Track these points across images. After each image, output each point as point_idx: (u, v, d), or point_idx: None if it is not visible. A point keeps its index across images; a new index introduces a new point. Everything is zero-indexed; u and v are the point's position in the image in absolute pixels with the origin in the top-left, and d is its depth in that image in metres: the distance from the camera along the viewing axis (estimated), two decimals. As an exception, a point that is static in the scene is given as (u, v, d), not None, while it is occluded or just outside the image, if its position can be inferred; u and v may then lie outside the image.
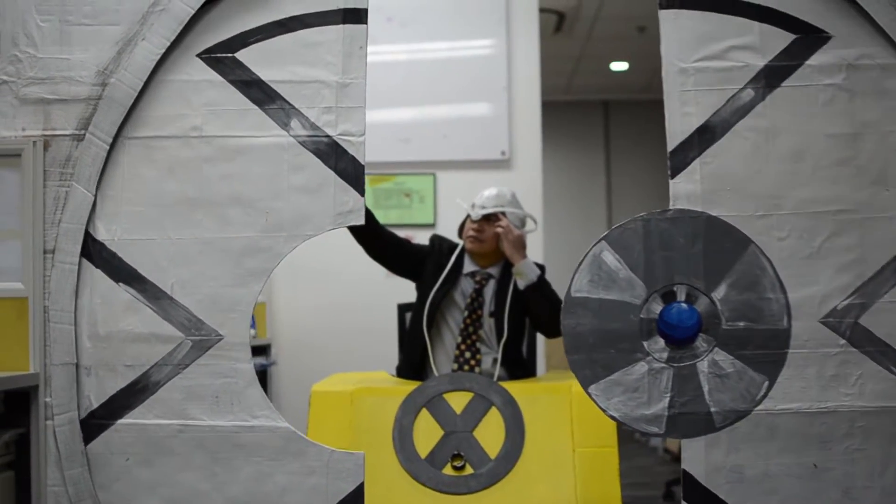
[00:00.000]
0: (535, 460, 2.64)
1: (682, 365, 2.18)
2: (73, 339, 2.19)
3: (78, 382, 2.20)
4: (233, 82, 2.26)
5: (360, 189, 2.23)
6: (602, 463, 2.64)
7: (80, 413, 2.19)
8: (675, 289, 2.19)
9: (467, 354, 3.25)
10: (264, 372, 4.51)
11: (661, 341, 2.19)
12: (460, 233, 3.45)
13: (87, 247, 2.21)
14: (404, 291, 3.61)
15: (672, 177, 2.20)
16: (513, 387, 2.80)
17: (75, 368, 2.19)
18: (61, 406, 2.17)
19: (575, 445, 2.67)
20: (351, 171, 2.23)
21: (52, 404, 2.17)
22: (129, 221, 2.23)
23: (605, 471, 2.63)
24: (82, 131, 2.22)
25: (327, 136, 2.24)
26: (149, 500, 2.19)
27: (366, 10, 2.26)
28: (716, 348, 2.18)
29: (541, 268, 3.28)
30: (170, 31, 2.23)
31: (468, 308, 3.30)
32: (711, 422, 2.16)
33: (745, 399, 2.16)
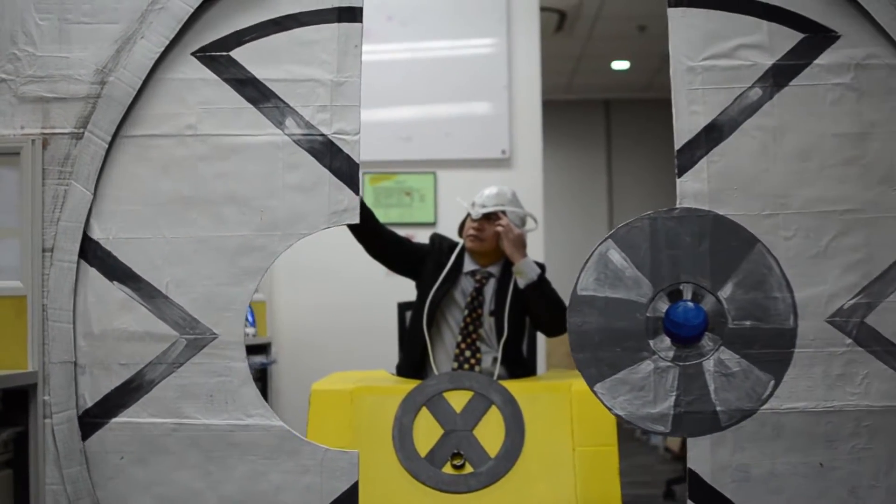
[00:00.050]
0: (535, 459, 2.64)
1: (688, 364, 2.18)
2: (71, 337, 2.19)
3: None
4: (227, 81, 2.25)
5: (355, 188, 2.23)
6: (602, 462, 2.64)
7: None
8: (681, 287, 2.19)
9: (467, 353, 3.25)
10: (264, 370, 4.50)
11: (667, 340, 2.19)
12: (460, 231, 3.45)
13: (82, 246, 2.21)
14: (404, 290, 3.61)
15: (679, 175, 2.20)
16: (513, 385, 2.80)
17: (73, 367, 2.19)
18: (60, 404, 2.17)
19: (575, 444, 2.66)
20: (346, 170, 2.23)
21: (50, 402, 2.17)
22: (124, 220, 2.23)
23: (606, 469, 2.63)
24: (81, 130, 2.22)
25: (322, 135, 2.24)
26: (143, 499, 2.19)
27: (361, 9, 2.26)
28: (722, 347, 2.17)
29: (541, 267, 3.28)
30: (169, 29, 2.23)
31: (468, 307, 3.30)
32: (717, 421, 2.16)
33: (751, 398, 2.16)
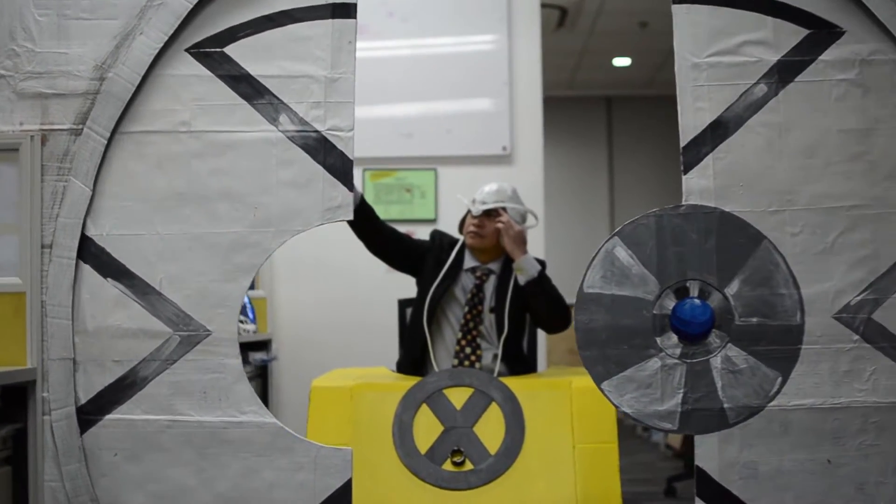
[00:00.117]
0: (535, 456, 2.63)
1: (695, 361, 2.18)
2: (70, 334, 2.18)
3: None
4: (221, 77, 2.25)
5: (349, 184, 2.22)
6: (602, 459, 2.63)
7: None
8: (688, 284, 2.19)
9: (468, 350, 3.25)
10: (265, 367, 4.51)
11: (675, 337, 2.19)
12: (461, 228, 3.44)
13: None
14: (405, 287, 3.61)
15: (685, 172, 2.19)
16: (513, 382, 2.79)
17: (72, 363, 2.18)
18: (58, 401, 2.17)
19: (575, 441, 2.66)
20: (339, 167, 2.22)
21: (49, 399, 2.17)
22: (118, 217, 2.22)
23: (606, 467, 2.62)
24: (80, 126, 2.22)
25: (316, 132, 2.23)
26: (137, 496, 2.19)
27: (355, 5, 2.25)
28: (729, 344, 2.17)
29: (541, 263, 3.27)
30: (167, 25, 2.22)
31: (468, 304, 3.29)
32: (725, 418, 2.16)
33: (758, 395, 2.16)
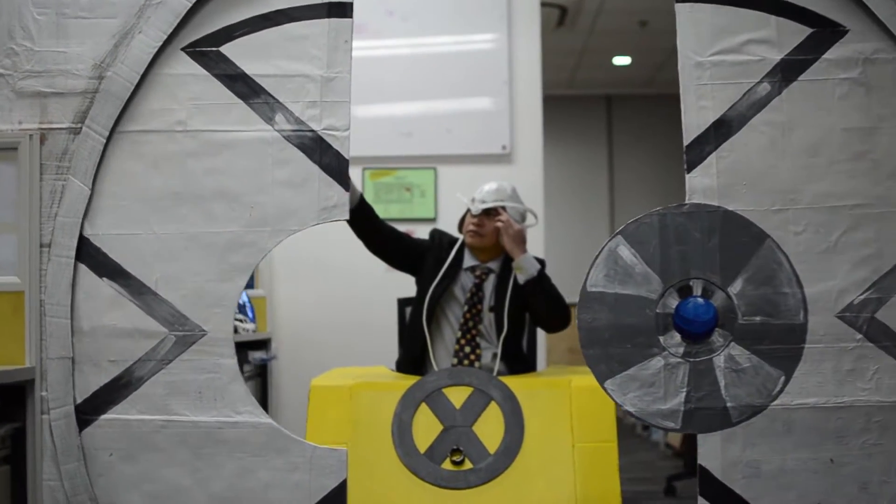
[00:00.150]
0: (535, 455, 2.63)
1: (698, 360, 2.18)
2: (69, 333, 2.18)
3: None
4: (218, 76, 2.25)
5: (345, 184, 2.22)
6: (602, 458, 2.63)
7: None
8: (691, 283, 2.19)
9: (467, 349, 3.24)
10: (264, 366, 4.51)
11: (678, 336, 2.19)
12: (460, 227, 3.44)
13: None
14: (404, 286, 3.61)
15: (688, 171, 2.19)
16: (512, 381, 2.79)
17: (71, 362, 2.18)
18: (57, 400, 2.17)
19: (574, 440, 2.66)
20: (335, 166, 2.22)
21: (47, 398, 2.17)
22: (114, 216, 2.22)
23: (605, 466, 2.62)
24: (79, 125, 2.22)
25: (312, 131, 2.23)
26: (132, 496, 2.19)
27: (351, 4, 2.25)
28: (732, 343, 2.17)
29: (541, 262, 3.27)
30: (166, 24, 2.22)
31: (468, 303, 3.29)
32: (728, 417, 2.16)
33: (761, 394, 2.16)
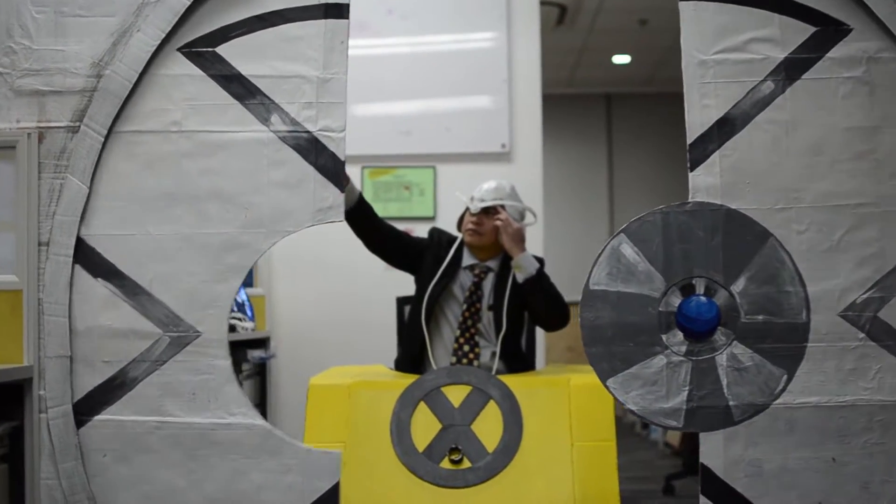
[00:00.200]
0: (533, 454, 2.63)
1: (700, 358, 2.18)
2: (66, 331, 2.18)
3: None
4: (213, 77, 2.24)
5: (340, 185, 2.22)
6: (600, 457, 2.63)
7: None
8: (693, 282, 2.19)
9: (466, 348, 3.24)
10: (263, 365, 4.50)
11: (680, 334, 2.19)
12: (459, 226, 3.44)
13: None
14: (403, 284, 3.60)
15: (691, 169, 2.19)
16: (511, 380, 2.79)
17: (69, 361, 2.18)
18: (55, 399, 2.16)
19: (573, 439, 2.66)
20: (331, 167, 2.22)
21: (45, 397, 2.17)
22: (109, 217, 2.22)
23: (604, 465, 2.62)
24: (77, 123, 2.21)
25: (307, 132, 2.23)
26: (126, 497, 2.19)
27: (347, 5, 2.25)
28: (734, 342, 2.17)
29: (540, 261, 3.27)
30: (165, 22, 2.21)
31: (467, 301, 3.29)
32: (730, 415, 2.16)
33: (763, 393, 2.16)
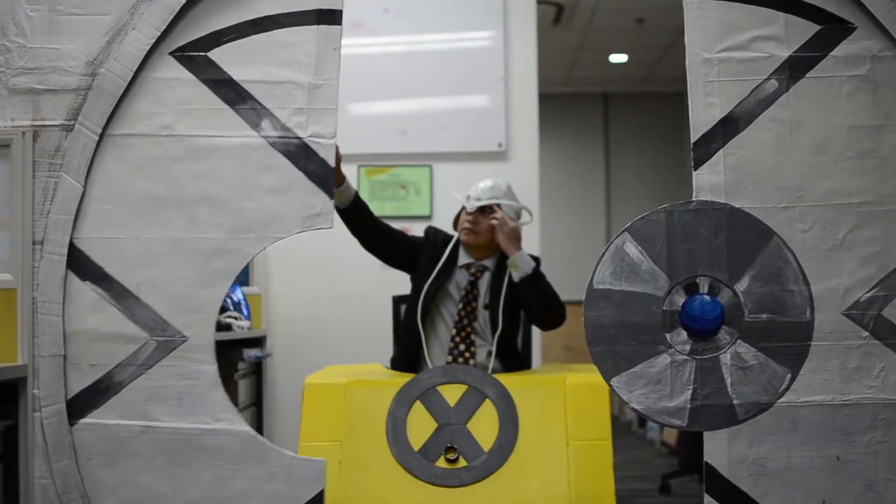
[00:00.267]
0: (529, 453, 2.63)
1: (704, 357, 2.18)
2: (60, 330, 2.18)
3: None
4: (205, 81, 2.24)
5: (329, 192, 2.21)
6: (596, 456, 2.63)
7: None
8: (697, 281, 2.19)
9: (462, 347, 3.24)
10: (259, 364, 4.50)
11: (684, 333, 2.19)
12: (455, 225, 3.44)
13: None
14: (399, 283, 3.60)
15: (695, 168, 2.20)
16: (507, 379, 2.79)
17: (63, 360, 2.18)
18: (49, 398, 2.16)
19: (569, 438, 2.66)
20: (320, 174, 2.21)
21: (39, 396, 2.16)
22: (98, 220, 2.21)
23: (599, 464, 2.62)
24: (72, 122, 2.21)
25: (297, 138, 2.22)
26: (110, 501, 2.18)
27: (340, 11, 2.25)
28: (738, 340, 2.17)
29: (536, 260, 3.26)
30: (160, 20, 2.21)
31: (463, 300, 3.29)
32: (734, 414, 2.16)
33: (767, 391, 2.16)
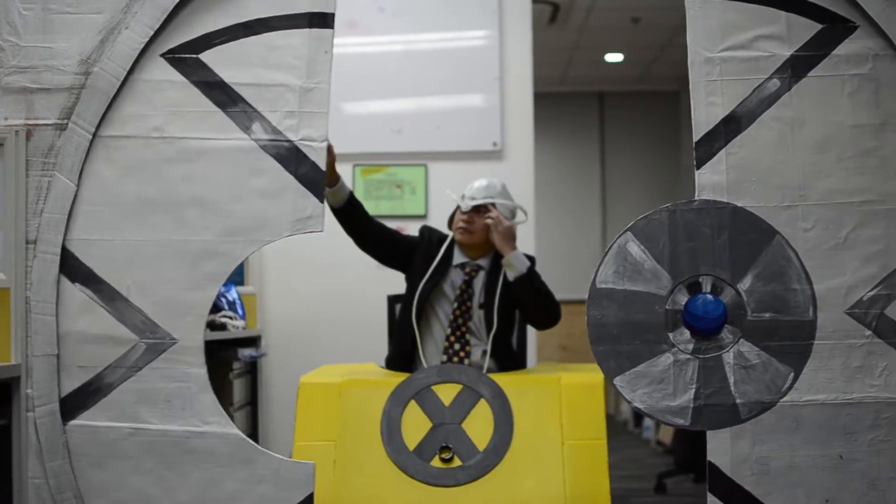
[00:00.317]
0: (524, 453, 2.63)
1: (707, 356, 2.18)
2: (54, 330, 2.17)
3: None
4: (196, 83, 2.23)
5: (320, 195, 2.21)
6: (591, 455, 2.63)
7: None
8: (700, 280, 2.19)
9: (457, 346, 3.24)
10: (254, 363, 4.49)
11: (687, 332, 2.19)
12: (450, 224, 3.44)
13: None
14: (394, 283, 3.60)
15: (697, 167, 2.20)
16: (502, 379, 2.78)
17: (56, 360, 2.17)
18: (42, 398, 2.16)
19: (564, 438, 2.65)
20: (311, 177, 2.21)
21: (32, 396, 2.16)
22: (88, 222, 2.21)
23: (595, 463, 2.62)
24: (65, 121, 2.21)
25: (288, 141, 2.22)
26: (99, 503, 2.18)
27: (332, 15, 2.24)
28: (741, 339, 2.18)
29: (531, 259, 3.26)
30: (153, 19, 2.21)
31: (458, 300, 3.28)
32: (737, 413, 2.16)
33: (770, 390, 2.16)
